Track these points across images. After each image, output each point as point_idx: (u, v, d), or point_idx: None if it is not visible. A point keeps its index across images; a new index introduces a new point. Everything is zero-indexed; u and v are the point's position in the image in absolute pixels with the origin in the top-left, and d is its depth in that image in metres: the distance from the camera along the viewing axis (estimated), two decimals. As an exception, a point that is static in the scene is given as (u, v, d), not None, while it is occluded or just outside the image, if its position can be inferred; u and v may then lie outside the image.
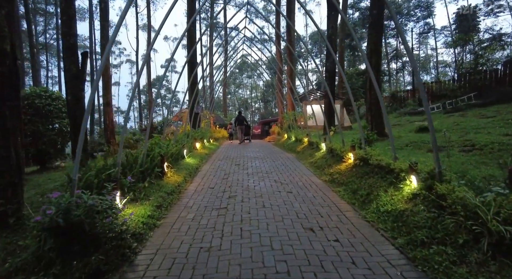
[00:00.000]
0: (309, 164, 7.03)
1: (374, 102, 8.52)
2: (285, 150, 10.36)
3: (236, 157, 8.74)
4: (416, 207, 3.04)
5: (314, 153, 7.68)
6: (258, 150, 10.98)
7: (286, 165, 7.10)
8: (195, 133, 9.40)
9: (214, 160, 8.06)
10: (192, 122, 14.90)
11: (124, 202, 3.46)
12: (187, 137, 8.71)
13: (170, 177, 5.25)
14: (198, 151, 8.95)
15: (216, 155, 9.15)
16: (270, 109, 63.21)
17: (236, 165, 7.19)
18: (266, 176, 5.79)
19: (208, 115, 22.47)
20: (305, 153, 8.30)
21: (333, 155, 6.45)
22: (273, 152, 10.14)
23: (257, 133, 29.85)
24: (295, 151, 9.36)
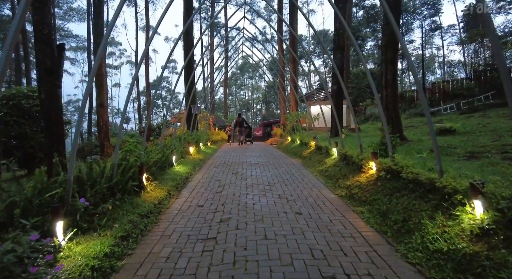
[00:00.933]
0: (319, 173, 6.02)
1: (391, 100, 7.51)
2: (290, 155, 9.36)
3: (235, 163, 7.75)
4: (495, 253, 2.03)
5: (323, 159, 6.67)
6: (259, 154, 9.98)
7: (292, 174, 6.10)
8: (188, 137, 8.44)
9: (209, 167, 7.07)
10: (189, 124, 13.94)
11: (69, 236, 2.47)
12: (179, 141, 7.74)
13: (150, 192, 4.26)
14: (192, 156, 7.97)
15: (212, 161, 8.16)
16: (271, 111, 62.25)
17: (234, 174, 6.19)
18: (269, 189, 4.79)
19: (207, 116, 21.53)
20: (313, 159, 7.29)
21: (348, 162, 5.44)
22: (276, 157, 9.14)
23: (258, 135, 28.87)
24: (301, 156, 8.36)
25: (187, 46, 13.90)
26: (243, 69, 61.72)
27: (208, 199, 4.36)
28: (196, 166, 6.98)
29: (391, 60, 7.42)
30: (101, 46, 4.11)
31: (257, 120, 66.18)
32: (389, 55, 7.44)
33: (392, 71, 7.43)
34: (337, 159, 6.11)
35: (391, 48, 7.40)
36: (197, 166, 6.99)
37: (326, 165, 6.16)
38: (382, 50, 7.67)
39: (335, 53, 11.40)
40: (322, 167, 6.23)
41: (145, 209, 3.63)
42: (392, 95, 7.50)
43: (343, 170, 5.38)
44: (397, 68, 7.61)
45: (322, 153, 7.24)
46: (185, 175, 5.82)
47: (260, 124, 32.00)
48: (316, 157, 7.23)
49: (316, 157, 7.32)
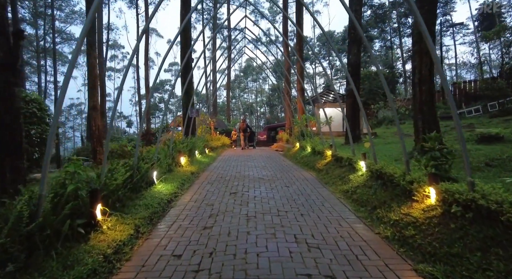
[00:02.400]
0: (343, 195, 4.61)
1: (427, 100, 6.07)
2: (300, 166, 7.94)
3: (234, 177, 6.36)
4: None
5: (346, 175, 5.25)
6: (264, 164, 8.59)
7: (307, 195, 4.68)
8: (179, 145, 7.08)
9: (202, 184, 5.69)
10: (186, 128, 12.66)
11: None
12: (166, 150, 6.38)
13: (106, 232, 2.89)
14: (183, 168, 6.61)
15: (207, 174, 6.79)
16: (276, 114, 60.88)
17: (232, 194, 4.80)
18: (279, 224, 3.37)
19: (208, 120, 20.23)
20: (331, 174, 5.87)
21: (385, 183, 4.03)
22: (284, 167, 7.73)
23: (262, 139, 27.47)
24: (315, 168, 6.94)
25: (184, 44, 12.65)
26: (246, 72, 60.64)
27: (191, 241, 2.96)
28: (185, 182, 5.61)
29: (428, 50, 5.99)
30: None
31: (260, 123, 64.84)
32: (424, 44, 6.02)
33: (428, 64, 6.01)
34: (367, 176, 4.69)
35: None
36: (187, 182, 5.61)
37: (352, 184, 4.74)
38: (415, 39, 6.27)
39: (350, 48, 10.02)
40: (346, 186, 4.81)
41: (84, 270, 2.25)
42: (429, 94, 6.07)
43: (379, 193, 3.96)
44: (434, 62, 6.18)
45: (343, 165, 5.82)
46: (167, 197, 4.44)
47: (264, 128, 30.61)
48: (336, 171, 5.81)
49: (335, 170, 5.90)
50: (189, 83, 12.65)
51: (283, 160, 9.87)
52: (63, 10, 42.47)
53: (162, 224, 3.50)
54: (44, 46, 40.03)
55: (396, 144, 9.17)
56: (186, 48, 12.74)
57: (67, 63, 48.62)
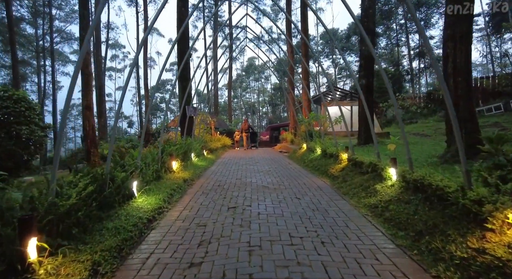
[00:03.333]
0: (370, 211, 3.65)
1: (463, 94, 5.09)
2: (310, 170, 6.98)
3: (234, 185, 5.43)
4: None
5: (371, 184, 4.30)
6: (268, 168, 7.64)
7: (326, 211, 3.73)
8: (170, 148, 6.13)
9: (195, 194, 4.76)
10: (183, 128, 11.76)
11: None
12: (157, 152, 5.46)
13: None
14: (175, 174, 5.69)
15: (202, 181, 5.85)
16: (278, 114, 59.91)
17: (230, 210, 3.86)
18: (294, 261, 2.40)
19: (208, 119, 19.33)
20: (350, 181, 4.90)
21: (429, 197, 3.07)
22: (292, 173, 6.78)
23: (265, 139, 26.52)
24: (327, 173, 5.97)
25: (181, 36, 11.73)
26: (248, 71, 59.73)
27: (167, 292, 2.03)
28: (175, 192, 4.67)
29: (463, 35, 5.03)
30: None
31: (263, 123, 63.89)
32: (459, 28, 5.05)
33: (465, 52, 5.04)
34: (399, 186, 3.74)
35: (465, 19, 5.01)
36: (177, 193, 4.68)
37: (381, 197, 3.78)
38: (448, 23, 5.29)
39: (361, 41, 9.05)
40: (372, 199, 3.85)
41: None
42: (465, 86, 5.10)
43: (423, 212, 2.99)
44: (471, 48, 5.20)
45: (364, 172, 4.85)
46: (148, 214, 3.51)
47: (267, 128, 29.65)
48: (355, 179, 4.85)
49: (354, 178, 4.93)
50: (186, 80, 11.75)
51: (289, 162, 8.91)
52: (63, 9, 41.75)
53: (135, 258, 2.57)
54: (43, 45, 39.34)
55: (415, 145, 8.20)
56: (184, 42, 11.85)
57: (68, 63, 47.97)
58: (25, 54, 40.61)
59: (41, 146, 13.57)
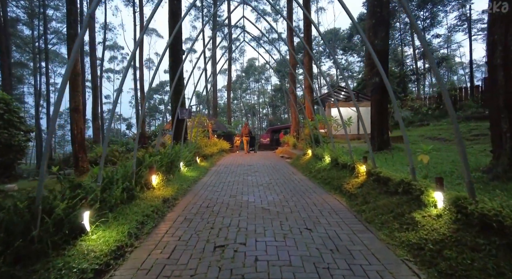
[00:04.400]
0: (411, 253, 2.56)
1: (516, 92, 4.02)
2: (318, 183, 5.90)
3: (227, 206, 4.35)
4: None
5: (405, 211, 3.21)
6: (269, 179, 6.57)
7: (350, 255, 2.64)
8: (150, 158, 5.02)
9: (173, 223, 3.68)
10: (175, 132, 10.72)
11: None
12: (133, 166, 4.39)
13: None
14: (153, 192, 4.61)
15: (187, 201, 4.76)
16: (279, 115, 58.84)
17: (218, 250, 2.79)
18: None
19: (206, 122, 18.29)
20: (374, 204, 3.82)
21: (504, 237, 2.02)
22: (297, 186, 5.71)
23: (265, 143, 25.44)
24: (342, 189, 4.90)
25: (172, 31, 10.70)
26: (248, 72, 58.79)
27: None
28: (148, 219, 3.60)
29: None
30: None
31: (263, 125, 62.83)
32: (510, 9, 4.00)
33: (518, 38, 3.99)
34: (452, 219, 2.66)
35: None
36: (151, 220, 3.61)
37: (426, 233, 2.70)
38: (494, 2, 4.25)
39: (375, 31, 8.01)
40: (413, 236, 2.76)
41: None
42: (518, 82, 4.04)
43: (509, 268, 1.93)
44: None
45: (392, 191, 3.78)
46: (99, 262, 2.43)
47: (268, 130, 28.55)
48: (381, 200, 3.76)
49: (379, 199, 3.85)
50: (179, 79, 10.70)
51: (293, 172, 7.84)
52: (60, 10, 40.89)
53: None
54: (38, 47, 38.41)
55: (439, 152, 7.12)
56: (176, 37, 10.80)
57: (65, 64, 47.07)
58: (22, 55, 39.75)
59: (23, 151, 12.49)
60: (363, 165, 4.86)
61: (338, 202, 4.41)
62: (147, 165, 4.83)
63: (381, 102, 7.88)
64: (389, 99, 8.71)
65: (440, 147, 7.64)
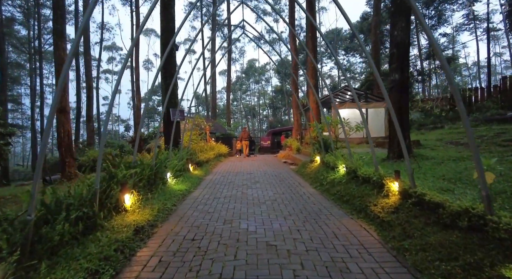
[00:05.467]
0: None
1: None
2: (334, 201, 4.80)
3: (219, 239, 3.28)
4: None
5: (479, 256, 2.16)
6: (273, 194, 5.50)
7: None
8: (123, 172, 3.91)
9: (144, 267, 2.63)
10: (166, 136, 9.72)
11: None
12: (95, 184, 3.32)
13: None
14: (127, 216, 3.55)
15: (169, 229, 3.69)
16: (279, 117, 57.81)
17: None
18: None
19: (203, 124, 17.23)
20: (422, 240, 2.75)
21: None
22: (308, 204, 4.63)
23: (266, 145, 24.36)
24: (367, 211, 3.82)
25: (165, 23, 9.67)
26: (248, 73, 57.86)
27: None
28: (106, 266, 2.54)
29: None
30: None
31: (263, 127, 61.79)
32: None
33: None
34: None
35: None
36: (111, 267, 2.55)
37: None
38: None
39: (394, 21, 6.97)
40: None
41: None
42: None
43: None
44: None
45: (444, 221, 2.71)
46: None
47: (268, 132, 27.48)
48: (433, 236, 2.69)
49: (428, 232, 2.78)
50: (170, 76, 9.67)
51: (300, 182, 6.76)
52: (57, 10, 39.72)
53: None
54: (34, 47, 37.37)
55: (467, 160, 6.06)
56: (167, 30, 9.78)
57: (60, 65, 46.12)
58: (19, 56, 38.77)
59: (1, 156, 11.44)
60: (394, 181, 3.80)
61: (367, 232, 3.34)
62: (121, 181, 3.76)
63: (401, 102, 6.83)
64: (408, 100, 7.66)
65: (470, 154, 6.59)
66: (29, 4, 34.06)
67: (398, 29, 6.86)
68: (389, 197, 3.79)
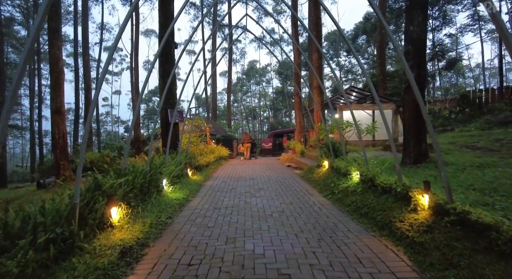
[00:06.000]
0: None
1: None
2: (349, 212, 4.26)
3: (221, 259, 2.76)
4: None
5: None
6: (279, 203, 4.97)
7: None
8: (109, 182, 3.41)
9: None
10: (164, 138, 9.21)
11: None
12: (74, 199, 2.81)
13: None
14: (113, 234, 3.04)
15: (163, 247, 3.17)
16: (280, 118, 57.29)
17: None
18: None
19: (203, 125, 16.74)
20: (469, 270, 2.24)
21: None
22: (320, 217, 4.09)
23: (267, 147, 23.82)
24: (391, 228, 3.31)
25: (164, 20, 9.19)
26: (249, 74, 57.43)
27: None
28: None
29: None
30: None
31: (264, 128, 61.26)
32: None
33: None
34: None
35: None
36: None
37: None
38: None
39: (410, 16, 6.46)
40: None
41: None
42: None
43: None
44: None
45: (501, 248, 2.19)
46: None
47: (270, 134, 26.93)
48: (488, 267, 2.18)
49: (478, 261, 2.26)
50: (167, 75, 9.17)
51: (308, 190, 6.23)
52: (56, 10, 39.33)
53: None
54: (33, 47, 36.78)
55: (492, 167, 5.52)
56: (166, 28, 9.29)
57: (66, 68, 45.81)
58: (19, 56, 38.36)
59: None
60: (423, 193, 3.27)
61: (395, 255, 2.81)
62: (107, 193, 3.24)
63: (418, 103, 6.29)
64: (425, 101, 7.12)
65: (494, 160, 6.06)
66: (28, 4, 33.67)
67: (415, 24, 6.35)
68: (417, 211, 3.26)
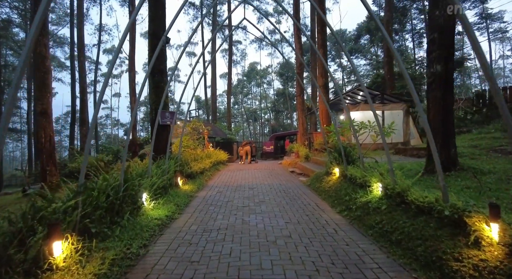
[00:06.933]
0: None
1: None
2: (375, 239, 3.30)
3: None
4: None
5: None
6: (284, 223, 4.03)
7: None
8: (51, 207, 2.48)
9: None
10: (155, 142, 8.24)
11: None
12: None
13: None
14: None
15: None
16: (281, 121, 56.34)
17: None
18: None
19: (201, 128, 15.82)
20: None
21: None
22: (339, 246, 3.13)
23: (268, 151, 22.88)
24: (444, 268, 2.37)
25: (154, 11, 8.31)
26: (249, 75, 56.65)
27: None
28: None
29: None
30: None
31: (265, 131, 60.31)
32: None
33: None
34: None
35: None
36: None
37: None
38: None
39: (434, 3, 5.57)
40: None
41: None
42: None
43: None
44: None
45: None
46: None
47: (271, 137, 26.00)
48: None
49: None
50: (161, 73, 8.30)
51: (318, 203, 5.28)
52: (56, 12, 39.02)
53: None
54: (30, 48, 36.16)
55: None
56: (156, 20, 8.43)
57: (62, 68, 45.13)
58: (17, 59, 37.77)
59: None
60: (488, 221, 2.33)
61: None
62: (48, 219, 2.32)
63: (445, 100, 5.37)
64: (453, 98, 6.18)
65: None
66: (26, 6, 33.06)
67: (441, 8, 5.43)
68: (480, 247, 2.32)
